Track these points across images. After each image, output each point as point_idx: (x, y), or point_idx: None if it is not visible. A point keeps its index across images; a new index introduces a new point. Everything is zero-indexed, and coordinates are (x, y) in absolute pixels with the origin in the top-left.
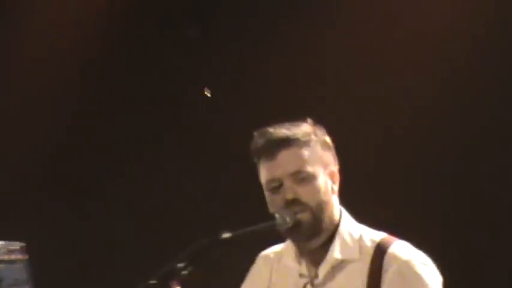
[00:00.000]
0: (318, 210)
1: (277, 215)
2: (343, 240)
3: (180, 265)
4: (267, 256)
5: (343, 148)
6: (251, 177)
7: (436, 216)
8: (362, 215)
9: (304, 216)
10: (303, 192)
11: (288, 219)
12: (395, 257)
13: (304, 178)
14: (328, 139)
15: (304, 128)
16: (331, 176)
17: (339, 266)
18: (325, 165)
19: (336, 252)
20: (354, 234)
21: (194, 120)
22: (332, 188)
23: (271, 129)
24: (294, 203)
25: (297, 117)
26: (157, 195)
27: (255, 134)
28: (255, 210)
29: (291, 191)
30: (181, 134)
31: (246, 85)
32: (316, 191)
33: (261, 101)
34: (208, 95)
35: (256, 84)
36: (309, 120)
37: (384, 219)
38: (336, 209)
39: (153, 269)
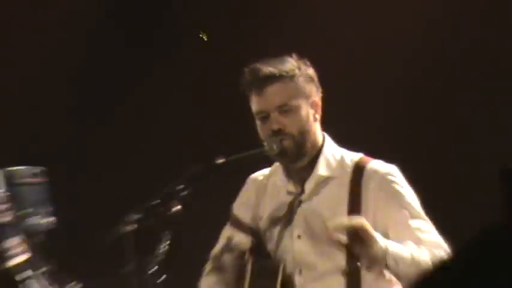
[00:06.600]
0: (301, 138)
1: (265, 143)
2: (327, 160)
3: (179, 187)
4: (255, 178)
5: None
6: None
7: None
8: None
9: (288, 144)
10: (287, 123)
11: (274, 146)
12: (374, 172)
13: (288, 110)
14: (311, 71)
15: (289, 64)
16: (313, 106)
17: (323, 182)
18: (308, 97)
19: (320, 169)
20: (335, 155)
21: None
22: (314, 117)
23: (259, 66)
24: (279, 133)
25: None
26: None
27: (245, 70)
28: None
29: (276, 122)
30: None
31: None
32: (299, 121)
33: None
34: (205, 38)
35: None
36: (294, 55)
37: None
38: (319, 135)
39: (154, 192)
